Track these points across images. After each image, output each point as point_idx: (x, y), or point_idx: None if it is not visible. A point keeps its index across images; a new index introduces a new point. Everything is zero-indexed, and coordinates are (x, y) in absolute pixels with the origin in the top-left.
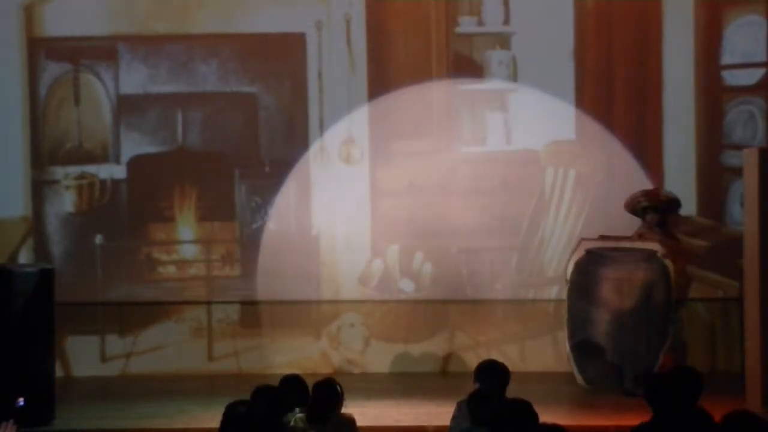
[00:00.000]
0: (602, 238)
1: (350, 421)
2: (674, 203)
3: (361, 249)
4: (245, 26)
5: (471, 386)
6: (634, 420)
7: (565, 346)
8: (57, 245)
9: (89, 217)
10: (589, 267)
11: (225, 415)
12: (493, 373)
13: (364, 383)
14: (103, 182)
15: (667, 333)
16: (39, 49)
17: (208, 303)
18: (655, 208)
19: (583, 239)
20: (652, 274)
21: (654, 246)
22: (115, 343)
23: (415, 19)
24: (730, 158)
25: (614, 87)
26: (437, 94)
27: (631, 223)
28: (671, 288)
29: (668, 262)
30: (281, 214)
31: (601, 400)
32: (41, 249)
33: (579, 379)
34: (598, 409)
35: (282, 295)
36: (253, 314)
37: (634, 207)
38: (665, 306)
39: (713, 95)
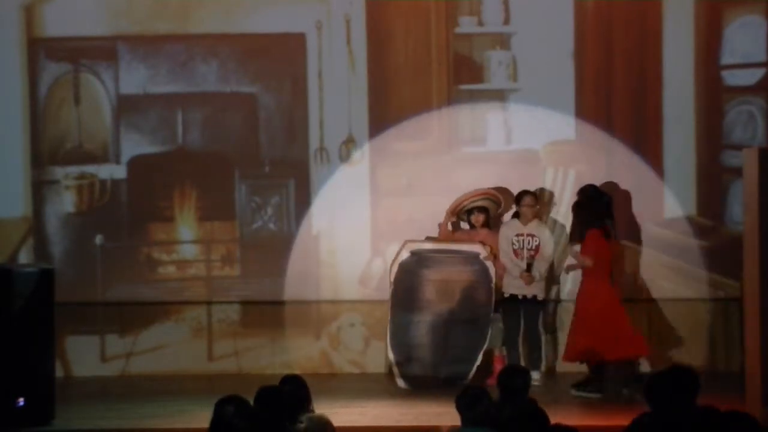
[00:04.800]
0: (429, 239)
1: (326, 422)
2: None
3: (361, 249)
4: (245, 26)
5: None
6: None
7: (387, 348)
8: (57, 245)
9: (89, 217)
10: (413, 268)
11: (215, 414)
12: (514, 371)
13: (364, 383)
14: (103, 182)
15: (486, 334)
16: (39, 49)
17: (208, 303)
18: (479, 209)
19: (408, 240)
20: (474, 276)
21: (477, 248)
22: (115, 343)
23: (415, 19)
24: (730, 158)
25: (614, 87)
26: (437, 94)
27: (628, 221)
28: (492, 290)
29: (490, 264)
30: (281, 214)
31: (601, 400)
32: (41, 249)
33: (400, 381)
34: (599, 409)
35: (282, 295)
36: (253, 314)
37: (458, 209)
38: (486, 307)
39: (713, 95)
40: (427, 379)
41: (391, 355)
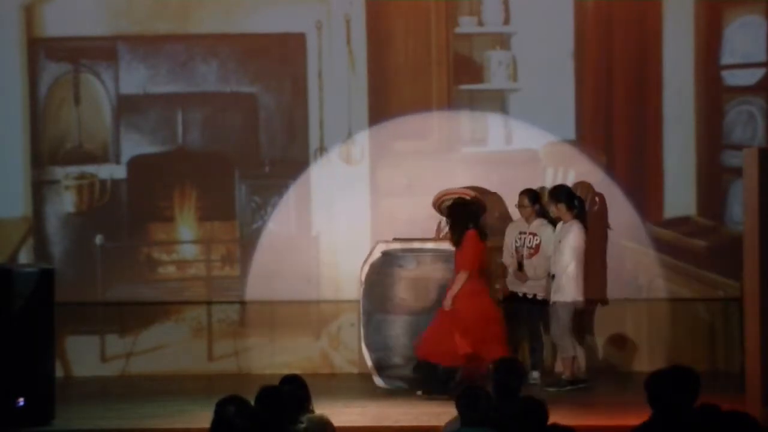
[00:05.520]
0: (397, 240)
1: (326, 423)
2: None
3: (361, 249)
4: (245, 26)
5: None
6: (634, 420)
7: (362, 347)
8: (57, 245)
9: (89, 217)
10: (385, 268)
11: (216, 414)
12: (510, 369)
13: (364, 383)
14: (103, 182)
15: None
16: (39, 49)
17: (208, 303)
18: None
19: (379, 241)
20: (451, 274)
21: (451, 246)
22: (115, 343)
23: (415, 19)
24: (730, 158)
25: (614, 87)
26: (437, 94)
27: (628, 221)
28: None
29: None
30: (281, 214)
31: (601, 400)
32: (41, 249)
33: (378, 380)
34: (598, 409)
35: (282, 295)
36: (253, 314)
37: (439, 202)
38: None
39: (713, 95)
40: (407, 379)
41: (366, 355)
